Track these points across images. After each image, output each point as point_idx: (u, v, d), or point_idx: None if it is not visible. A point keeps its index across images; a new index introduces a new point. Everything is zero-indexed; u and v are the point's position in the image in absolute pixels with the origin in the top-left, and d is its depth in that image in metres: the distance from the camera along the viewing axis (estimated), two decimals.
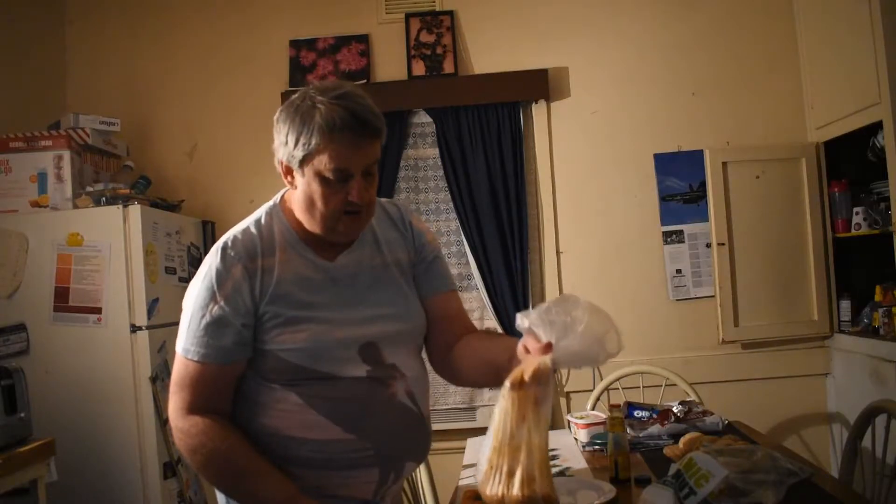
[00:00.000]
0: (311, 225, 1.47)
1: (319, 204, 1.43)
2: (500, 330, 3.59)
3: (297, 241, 1.49)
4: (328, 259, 1.50)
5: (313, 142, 1.38)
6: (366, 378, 1.46)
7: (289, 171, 1.46)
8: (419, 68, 3.71)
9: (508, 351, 1.40)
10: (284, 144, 1.43)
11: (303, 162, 1.41)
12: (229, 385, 1.46)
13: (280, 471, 1.41)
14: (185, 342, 1.44)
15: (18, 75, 3.46)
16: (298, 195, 1.46)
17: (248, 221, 1.52)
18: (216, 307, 1.41)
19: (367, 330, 1.48)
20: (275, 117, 1.46)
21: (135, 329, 2.90)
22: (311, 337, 1.43)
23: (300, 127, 1.40)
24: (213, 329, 1.41)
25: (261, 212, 1.54)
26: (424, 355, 1.65)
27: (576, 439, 2.41)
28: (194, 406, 1.42)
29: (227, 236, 1.48)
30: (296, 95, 1.45)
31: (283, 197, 1.56)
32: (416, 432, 1.53)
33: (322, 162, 1.39)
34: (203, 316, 1.42)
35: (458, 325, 1.62)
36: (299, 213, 1.48)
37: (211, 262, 1.45)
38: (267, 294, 1.43)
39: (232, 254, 1.44)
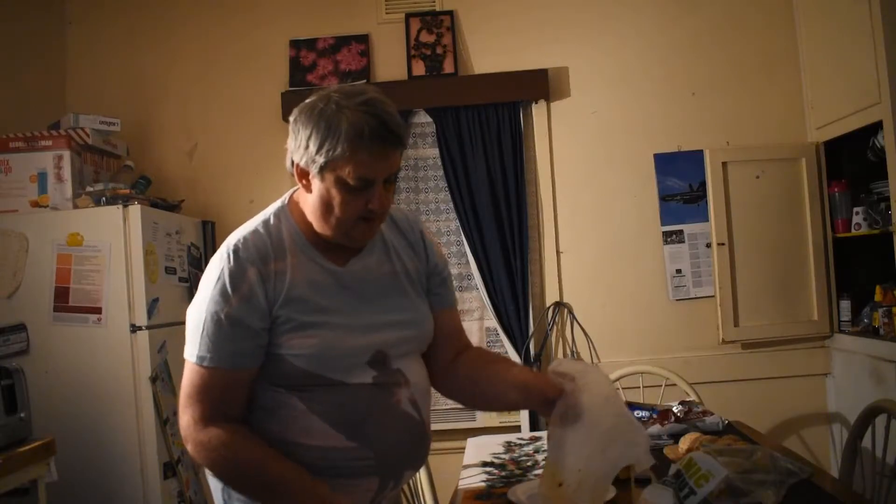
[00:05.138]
0: (323, 229, 1.43)
1: (337, 210, 1.39)
2: (500, 330, 3.61)
3: (307, 244, 1.46)
4: (338, 264, 1.48)
5: (339, 149, 1.34)
6: (371, 384, 1.45)
7: (304, 174, 1.42)
8: (419, 68, 3.71)
9: (518, 390, 1.52)
10: (305, 148, 1.37)
11: (324, 168, 1.37)
12: (245, 391, 1.42)
13: (308, 473, 1.39)
14: (199, 349, 1.38)
15: (18, 75, 3.46)
16: (314, 199, 1.41)
17: (254, 223, 1.47)
18: (232, 310, 1.37)
19: (378, 337, 1.47)
20: (291, 118, 1.42)
21: (135, 329, 2.90)
22: (322, 343, 1.41)
23: (325, 132, 1.35)
24: (231, 333, 1.37)
25: (268, 213, 1.49)
26: None
27: None
28: (212, 416, 1.38)
29: (234, 239, 1.44)
30: (315, 98, 1.40)
31: (290, 198, 1.52)
32: (417, 440, 1.52)
33: (346, 170, 1.35)
34: (218, 320, 1.37)
35: (457, 341, 1.66)
36: (312, 217, 1.44)
37: (221, 265, 1.40)
38: (280, 298, 1.40)
39: (244, 256, 1.40)
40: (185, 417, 1.40)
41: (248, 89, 3.78)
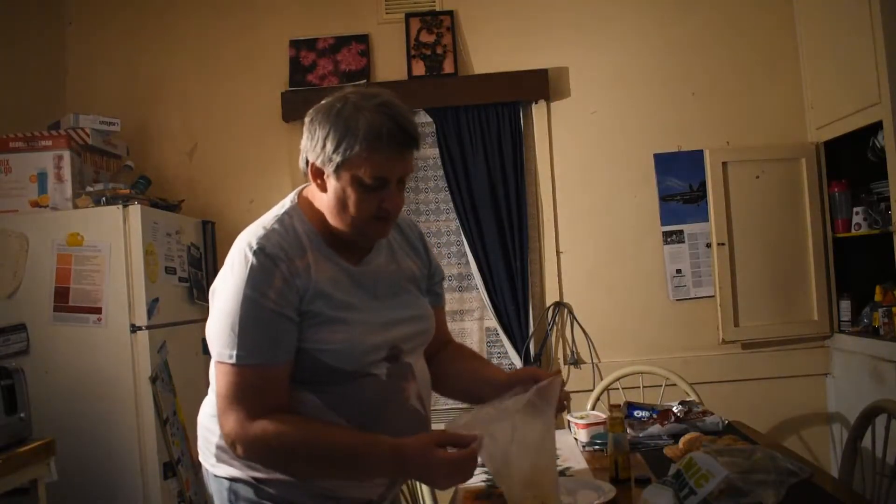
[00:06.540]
0: (339, 226, 1.46)
1: (352, 209, 1.42)
2: (500, 330, 3.61)
3: (322, 243, 1.48)
4: (351, 263, 1.51)
5: (357, 148, 1.37)
6: (385, 379, 1.48)
7: (318, 174, 1.44)
8: (419, 68, 3.71)
9: (490, 386, 1.58)
10: (322, 148, 1.40)
11: (340, 166, 1.40)
12: (287, 384, 1.42)
13: (365, 432, 1.40)
14: (237, 349, 1.37)
15: (18, 75, 3.46)
16: (329, 198, 1.44)
17: (269, 221, 1.48)
18: (272, 304, 1.38)
19: (394, 333, 1.51)
20: (307, 119, 1.45)
21: (135, 329, 2.90)
22: (348, 338, 1.43)
23: (343, 132, 1.38)
24: (272, 328, 1.38)
25: (280, 211, 1.50)
26: None
27: (576, 439, 2.41)
28: (257, 412, 1.37)
29: (254, 237, 1.43)
30: (332, 99, 1.43)
31: (299, 197, 1.54)
32: None
33: (363, 169, 1.38)
34: (257, 317, 1.37)
35: (442, 337, 1.74)
36: (329, 215, 1.46)
37: (248, 263, 1.39)
38: (308, 293, 1.42)
39: (272, 252, 1.41)
40: (230, 421, 1.38)
41: (248, 89, 3.78)
